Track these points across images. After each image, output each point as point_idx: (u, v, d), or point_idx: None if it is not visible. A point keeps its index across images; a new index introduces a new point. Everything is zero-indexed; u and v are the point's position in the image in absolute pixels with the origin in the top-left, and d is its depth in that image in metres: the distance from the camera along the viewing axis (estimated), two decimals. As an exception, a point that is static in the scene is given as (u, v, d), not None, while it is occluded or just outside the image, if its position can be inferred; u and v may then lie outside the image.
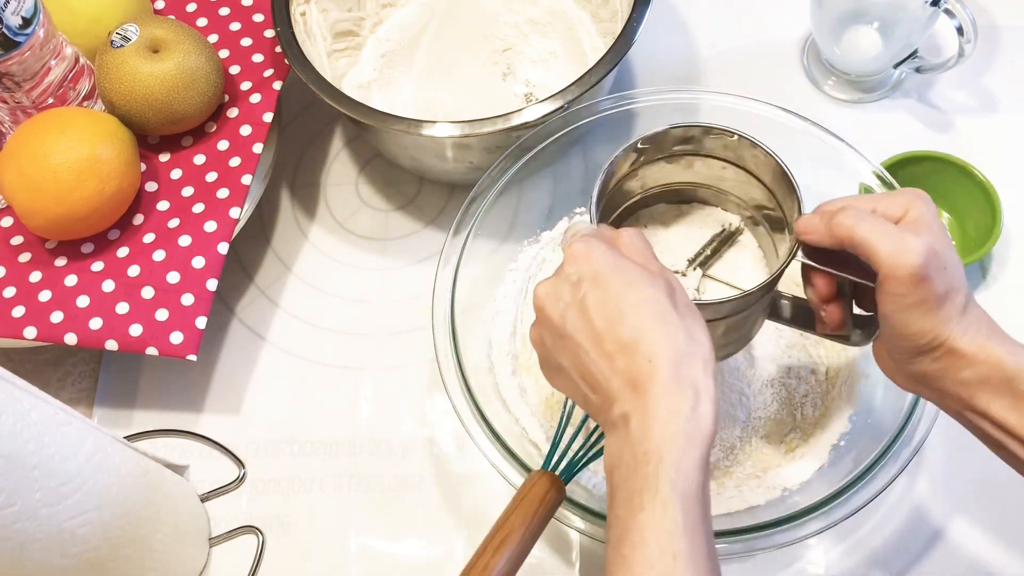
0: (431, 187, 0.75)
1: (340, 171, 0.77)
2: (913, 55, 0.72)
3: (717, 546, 0.52)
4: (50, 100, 0.66)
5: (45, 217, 0.62)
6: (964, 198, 0.68)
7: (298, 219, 0.75)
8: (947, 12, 0.67)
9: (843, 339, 0.52)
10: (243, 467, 0.65)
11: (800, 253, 0.48)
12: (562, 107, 0.63)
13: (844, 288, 0.50)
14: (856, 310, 0.51)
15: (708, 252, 0.56)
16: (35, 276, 0.64)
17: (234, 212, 0.66)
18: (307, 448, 0.66)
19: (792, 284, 0.55)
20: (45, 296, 0.63)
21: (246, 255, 0.73)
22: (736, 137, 0.52)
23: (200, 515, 0.63)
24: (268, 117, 0.69)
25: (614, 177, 0.53)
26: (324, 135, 0.79)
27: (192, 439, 0.66)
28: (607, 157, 0.52)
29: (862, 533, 0.60)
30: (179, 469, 0.64)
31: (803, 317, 0.54)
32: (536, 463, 0.53)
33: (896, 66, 0.74)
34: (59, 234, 0.64)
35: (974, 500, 0.61)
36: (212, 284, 0.64)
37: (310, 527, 0.63)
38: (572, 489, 0.53)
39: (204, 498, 0.64)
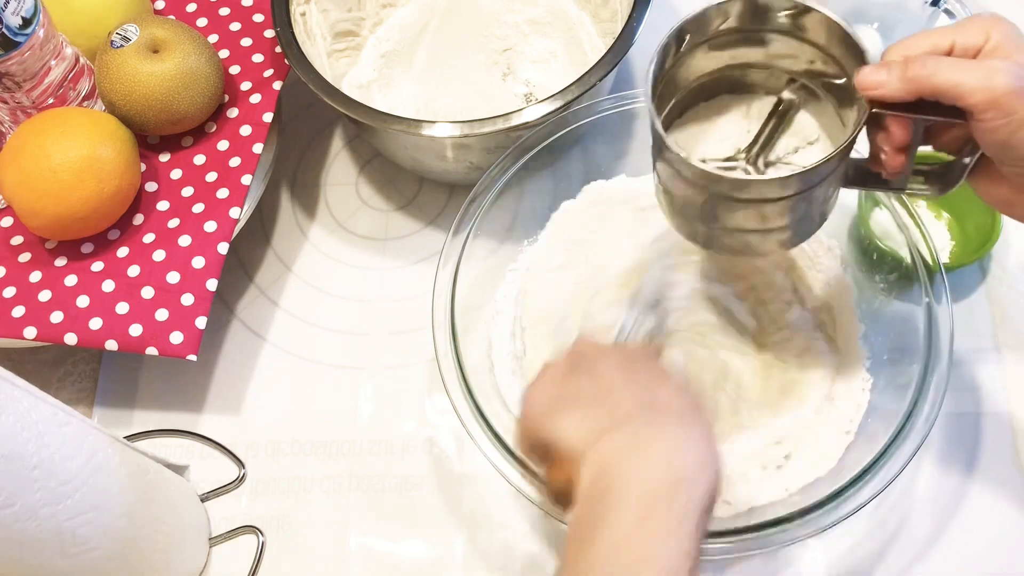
0: (431, 187, 0.75)
1: (340, 171, 0.77)
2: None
3: (717, 546, 0.52)
4: (50, 100, 0.66)
5: (45, 217, 0.62)
6: (964, 198, 0.68)
7: (298, 219, 0.75)
8: (947, 12, 0.67)
9: (927, 193, 0.50)
10: (243, 467, 0.65)
11: (870, 108, 0.46)
12: (562, 107, 0.63)
13: (912, 141, 0.47)
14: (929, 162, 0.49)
15: (767, 133, 0.53)
16: (35, 276, 0.64)
17: (234, 212, 0.66)
18: (307, 448, 0.66)
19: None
20: (45, 296, 0.63)
21: (246, 255, 0.73)
22: (792, 5, 0.49)
23: (200, 515, 0.63)
24: (268, 117, 0.69)
25: (664, 66, 0.50)
26: (324, 135, 0.79)
27: (192, 439, 0.66)
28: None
29: (862, 533, 0.60)
30: (179, 469, 0.64)
31: (876, 178, 0.50)
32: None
33: (896, 66, 0.74)
34: (59, 234, 0.64)
35: (975, 500, 0.61)
36: (212, 284, 0.64)
37: (310, 527, 0.63)
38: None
39: (204, 498, 0.64)
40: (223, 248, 0.65)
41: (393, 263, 0.73)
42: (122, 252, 0.65)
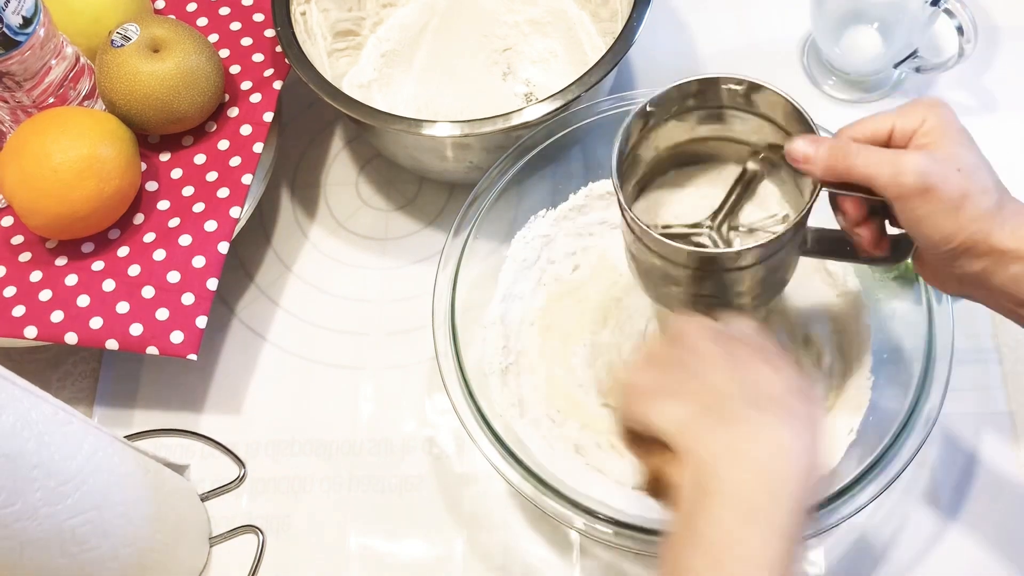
0: (431, 187, 0.75)
1: (340, 171, 0.77)
2: (913, 55, 0.72)
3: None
4: (50, 100, 0.66)
5: (45, 216, 0.62)
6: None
7: (298, 219, 0.75)
8: (947, 12, 0.67)
9: (883, 261, 0.52)
10: (243, 467, 0.65)
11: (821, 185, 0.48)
12: (562, 107, 0.63)
13: (876, 208, 0.49)
14: (891, 229, 0.51)
15: (731, 201, 0.55)
16: (35, 275, 0.64)
17: (234, 212, 0.66)
18: (307, 448, 0.66)
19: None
20: (45, 295, 0.63)
21: (246, 255, 0.73)
22: (744, 84, 0.51)
23: (200, 515, 0.63)
24: (268, 117, 0.69)
25: (628, 143, 0.52)
26: (324, 135, 0.79)
27: (192, 439, 0.66)
28: (618, 134, 0.51)
29: (864, 534, 0.60)
30: (179, 469, 0.64)
31: (838, 248, 0.53)
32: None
33: (896, 66, 0.74)
34: (59, 233, 0.64)
35: (975, 500, 0.61)
36: (212, 284, 0.64)
37: (310, 527, 0.63)
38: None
39: (204, 498, 0.64)
40: (223, 248, 0.65)
41: (393, 263, 0.73)
42: (122, 251, 0.65)
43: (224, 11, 0.75)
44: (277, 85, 0.71)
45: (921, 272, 0.51)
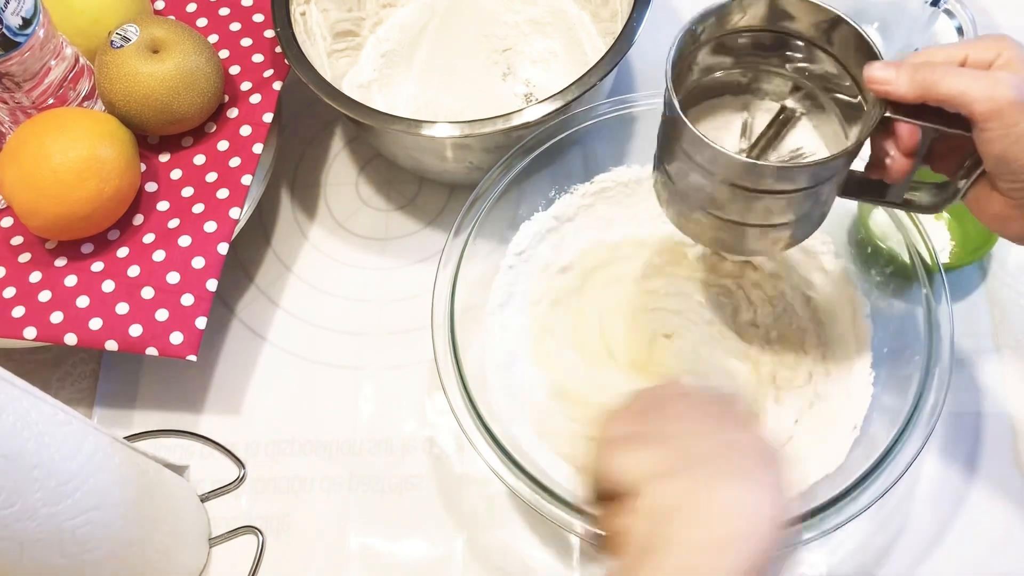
0: (431, 187, 0.75)
1: (340, 171, 0.77)
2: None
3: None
4: (50, 100, 0.66)
5: (45, 217, 0.62)
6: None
7: (298, 219, 0.75)
8: (947, 12, 0.67)
9: (925, 207, 0.51)
10: (243, 467, 0.65)
11: (883, 111, 0.46)
12: (562, 107, 0.63)
13: (919, 148, 0.48)
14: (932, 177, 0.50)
15: (768, 136, 0.54)
16: (35, 276, 0.64)
17: (234, 212, 0.66)
18: (307, 448, 0.66)
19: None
20: (45, 296, 0.63)
21: (246, 255, 0.73)
22: (810, 5, 0.49)
23: (200, 515, 0.63)
24: (268, 117, 0.69)
25: (684, 51, 0.50)
26: (324, 135, 0.79)
27: (192, 439, 0.66)
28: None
29: (865, 534, 0.60)
30: (179, 469, 0.64)
31: (877, 189, 0.51)
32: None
33: (896, 66, 0.74)
34: (59, 234, 0.64)
35: (975, 500, 0.61)
36: (212, 284, 0.64)
37: (310, 527, 0.63)
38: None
39: (204, 498, 0.64)
40: (223, 248, 0.65)
41: (393, 263, 0.73)
42: (122, 252, 0.65)
43: (224, 12, 0.75)
44: (277, 86, 0.71)
45: (980, 214, 0.49)
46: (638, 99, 0.66)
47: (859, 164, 0.50)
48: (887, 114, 0.46)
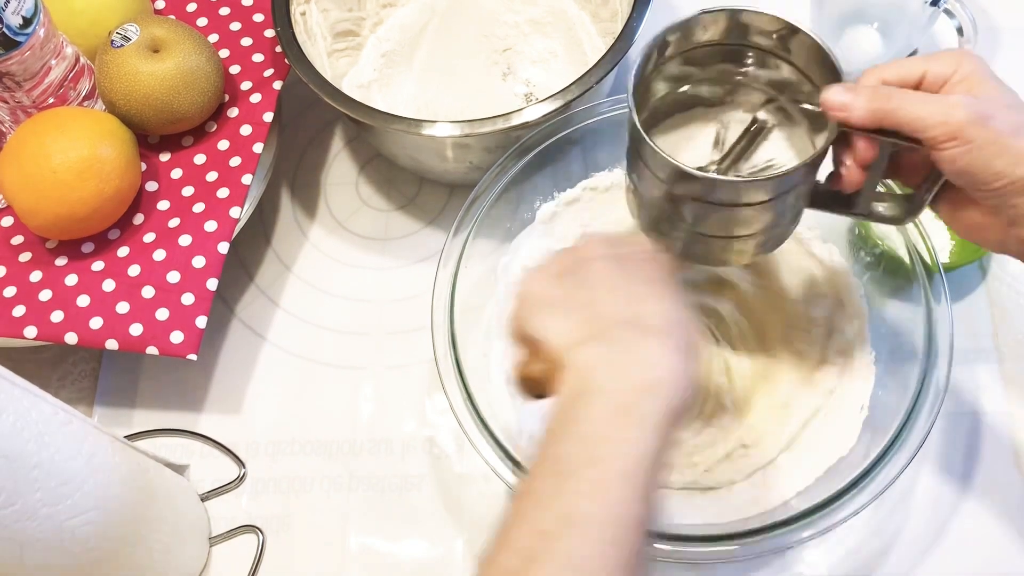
0: (431, 187, 0.75)
1: (340, 171, 0.77)
2: (913, 55, 0.72)
3: (715, 550, 0.52)
4: (50, 100, 0.66)
5: (45, 217, 0.62)
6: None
7: (298, 219, 0.75)
8: (947, 12, 0.67)
9: (891, 219, 0.51)
10: (243, 467, 0.65)
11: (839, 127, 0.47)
12: (562, 107, 0.63)
13: (876, 161, 0.48)
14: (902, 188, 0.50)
15: (739, 148, 0.54)
16: (35, 276, 0.64)
17: (234, 212, 0.66)
18: (307, 448, 0.66)
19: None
20: (45, 296, 0.63)
21: (246, 255, 0.73)
22: (775, 22, 0.50)
23: (200, 515, 0.63)
24: (268, 117, 0.70)
25: (648, 66, 0.51)
26: (324, 135, 0.79)
27: (192, 439, 0.66)
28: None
29: (863, 534, 0.60)
30: (179, 469, 0.64)
31: (844, 201, 0.52)
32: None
33: (896, 66, 0.74)
34: (59, 234, 0.64)
35: (975, 500, 0.61)
36: (212, 284, 0.64)
37: (310, 527, 0.63)
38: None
39: (204, 498, 0.64)
40: (223, 248, 0.65)
41: (393, 263, 0.73)
42: (122, 252, 0.65)
43: (224, 11, 0.75)
44: (277, 85, 0.71)
45: (955, 225, 0.50)
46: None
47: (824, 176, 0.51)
48: (844, 128, 0.47)
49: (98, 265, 0.65)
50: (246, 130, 0.69)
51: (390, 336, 0.69)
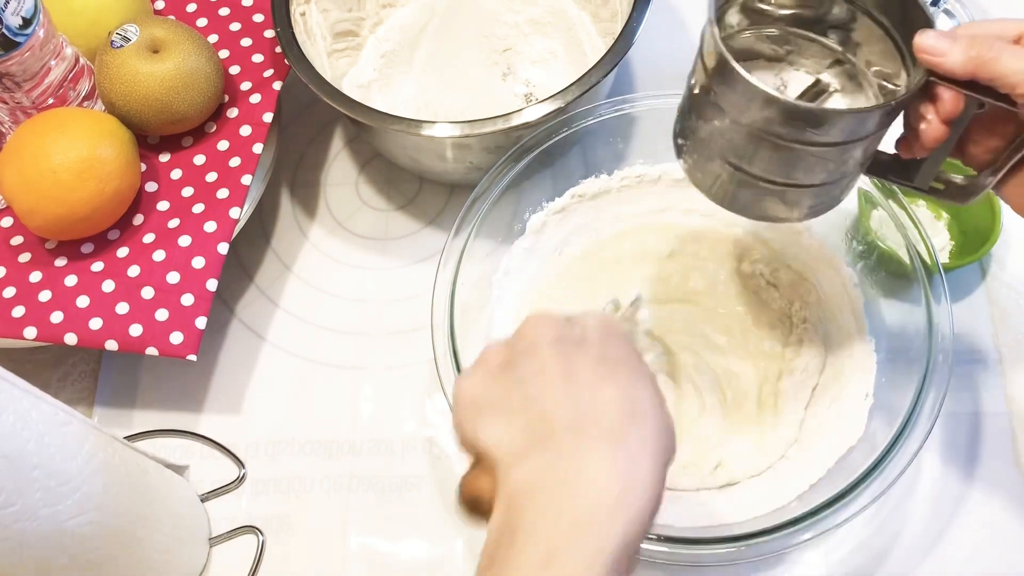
0: (431, 187, 0.75)
1: (340, 171, 0.77)
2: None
3: (713, 552, 0.52)
4: (50, 100, 0.66)
5: (45, 217, 0.62)
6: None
7: (298, 219, 0.75)
8: (947, 12, 0.67)
9: (949, 194, 0.49)
10: (243, 467, 0.65)
11: (927, 75, 0.45)
12: (562, 107, 0.63)
13: (960, 117, 0.46)
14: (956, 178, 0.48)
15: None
16: (35, 276, 0.64)
17: (234, 212, 0.66)
18: (307, 448, 0.66)
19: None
20: (45, 296, 0.63)
21: (246, 255, 0.73)
22: None
23: (200, 515, 0.63)
24: (268, 117, 0.69)
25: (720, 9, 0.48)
26: (324, 135, 0.79)
27: (192, 439, 0.66)
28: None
29: (863, 534, 0.60)
30: (179, 469, 0.64)
31: (902, 170, 0.50)
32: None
33: (896, 66, 0.74)
34: (59, 234, 0.64)
35: (975, 500, 0.61)
36: (212, 284, 0.64)
37: (310, 527, 0.63)
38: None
39: (204, 498, 0.64)
40: (223, 248, 0.65)
41: (393, 263, 0.73)
42: (122, 252, 0.65)
43: (224, 12, 0.75)
44: (277, 86, 0.71)
45: (1009, 195, 0.48)
46: (638, 99, 0.66)
47: (888, 146, 0.49)
48: (931, 78, 0.45)
49: (98, 266, 0.65)
50: (246, 130, 0.69)
51: (390, 336, 0.69)
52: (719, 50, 0.45)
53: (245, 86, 0.71)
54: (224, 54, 0.73)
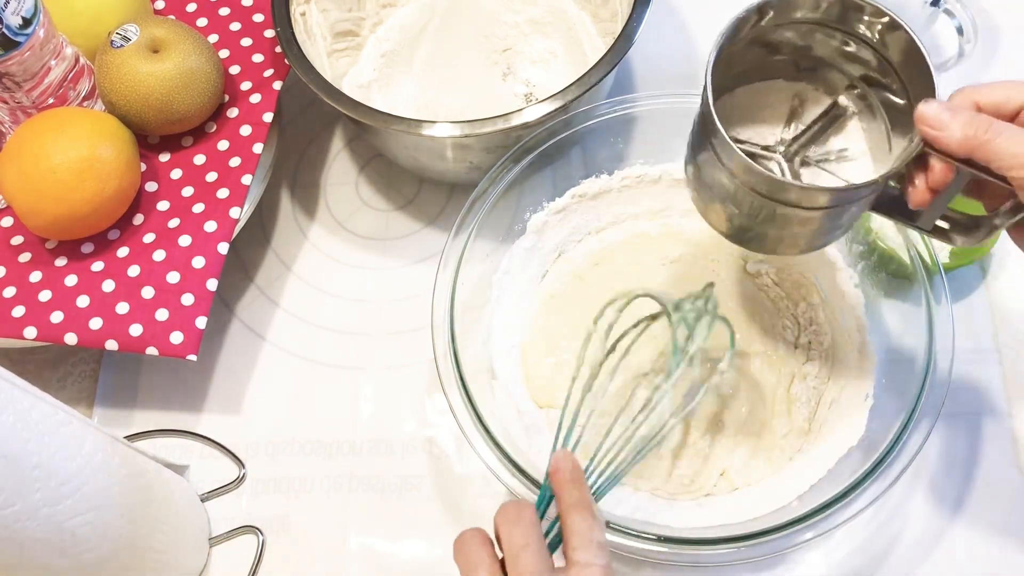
0: (431, 187, 0.75)
1: (340, 171, 0.77)
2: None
3: (713, 552, 0.52)
4: (50, 100, 0.66)
5: (45, 217, 0.62)
6: (963, 198, 0.68)
7: (298, 219, 0.75)
8: (947, 12, 0.67)
9: (951, 240, 0.50)
10: (243, 467, 0.65)
11: (921, 145, 0.45)
12: (562, 107, 0.63)
13: (950, 188, 0.46)
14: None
15: (813, 131, 0.52)
16: (35, 276, 0.64)
17: (234, 212, 0.66)
18: (307, 448, 0.66)
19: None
20: (45, 296, 0.63)
21: (246, 255, 0.73)
22: (874, 7, 0.48)
23: (200, 515, 0.63)
24: (268, 117, 0.69)
25: (736, 37, 0.49)
26: (324, 135, 0.79)
27: (192, 439, 0.66)
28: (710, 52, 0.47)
29: (863, 535, 0.60)
30: (179, 469, 0.64)
31: (907, 211, 0.50)
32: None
33: (896, 66, 0.74)
34: (59, 234, 0.64)
35: (975, 500, 0.61)
36: (212, 284, 0.64)
37: (310, 527, 0.63)
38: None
39: (204, 498, 0.64)
40: (223, 248, 0.65)
41: (393, 263, 0.73)
42: (122, 252, 0.65)
43: (224, 11, 0.75)
44: (277, 85, 0.71)
45: (1020, 240, 0.48)
46: (638, 99, 0.66)
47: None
48: (926, 149, 0.45)
49: (98, 265, 0.65)
50: (246, 130, 0.69)
51: (390, 336, 0.69)
52: (711, 117, 0.46)
53: (245, 86, 0.71)
54: (224, 54, 0.73)
